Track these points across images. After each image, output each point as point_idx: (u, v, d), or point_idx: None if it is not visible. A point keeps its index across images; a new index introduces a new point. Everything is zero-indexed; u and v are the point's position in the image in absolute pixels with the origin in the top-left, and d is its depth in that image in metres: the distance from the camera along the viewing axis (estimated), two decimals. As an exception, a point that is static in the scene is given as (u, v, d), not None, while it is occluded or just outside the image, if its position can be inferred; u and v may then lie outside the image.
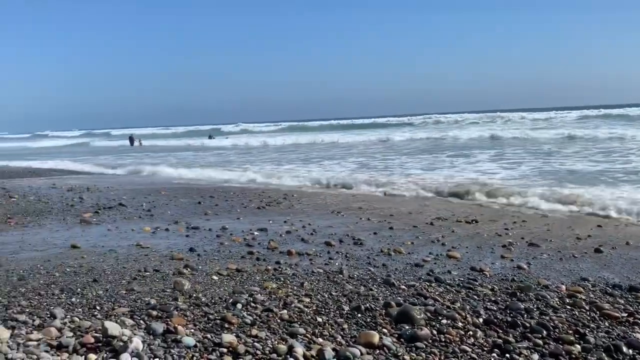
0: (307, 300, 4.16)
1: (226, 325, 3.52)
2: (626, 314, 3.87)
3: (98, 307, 3.93)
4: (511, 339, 3.37)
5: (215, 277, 4.95)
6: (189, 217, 8.82)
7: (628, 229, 7.54)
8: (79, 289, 4.43)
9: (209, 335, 3.32)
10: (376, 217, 8.60)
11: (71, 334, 3.30)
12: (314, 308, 3.97)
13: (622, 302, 4.22)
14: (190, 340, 3.19)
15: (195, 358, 3.00)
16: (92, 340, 3.13)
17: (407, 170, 16.26)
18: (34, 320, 3.58)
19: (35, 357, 2.96)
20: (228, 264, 5.47)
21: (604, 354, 3.13)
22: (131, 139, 49.04)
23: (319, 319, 3.71)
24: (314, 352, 3.08)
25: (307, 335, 3.38)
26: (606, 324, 3.71)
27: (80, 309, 3.89)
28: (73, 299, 4.14)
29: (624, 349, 3.19)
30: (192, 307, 3.92)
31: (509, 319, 3.73)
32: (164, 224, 8.10)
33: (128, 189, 13.21)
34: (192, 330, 3.43)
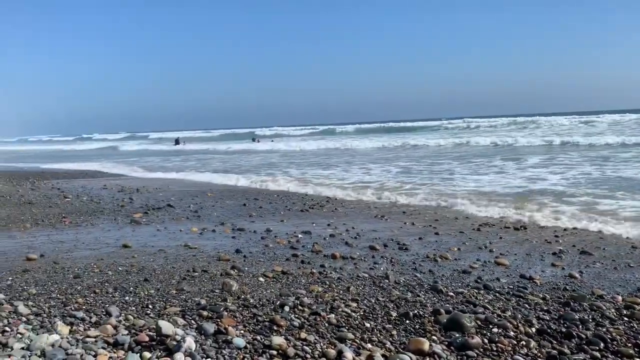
0: (354, 305, 4.15)
1: (275, 328, 3.55)
2: (690, 329, 3.69)
3: (150, 306, 4.04)
4: (566, 350, 3.27)
5: (261, 279, 5.01)
6: (235, 218, 8.96)
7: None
8: (131, 288, 4.57)
9: (258, 337, 3.36)
10: (421, 222, 8.50)
11: (126, 331, 3.40)
12: (362, 313, 3.96)
13: (684, 315, 4.02)
14: (240, 342, 3.24)
15: (246, 359, 3.04)
16: (147, 338, 3.22)
17: (462, 177, 15.98)
18: (90, 317, 3.71)
19: (93, 353, 3.06)
20: (273, 266, 5.53)
21: (667, 370, 2.99)
22: (177, 141, 51.51)
23: (367, 325, 3.70)
24: (363, 358, 3.08)
25: (356, 340, 3.38)
26: (667, 338, 3.55)
27: (133, 308, 4.01)
28: (126, 298, 4.27)
29: (689, 365, 3.04)
30: (240, 309, 3.98)
31: (564, 329, 3.62)
32: (210, 225, 8.27)
33: (175, 190, 13.53)
34: (242, 332, 3.48)
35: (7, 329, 3.39)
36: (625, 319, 3.92)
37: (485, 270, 5.55)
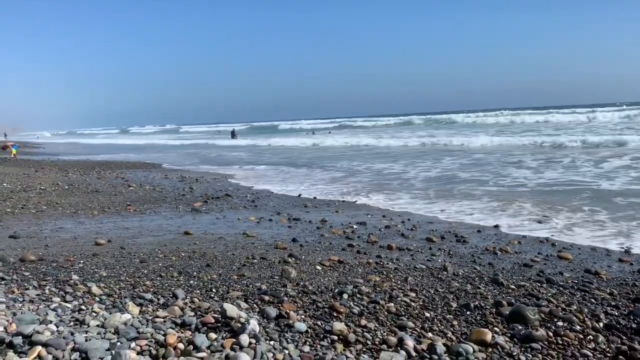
0: (413, 295, 4.15)
1: (334, 314, 3.60)
2: None
3: (214, 290, 4.18)
4: (637, 346, 3.14)
5: (318, 267, 5.08)
6: (290, 208, 9.09)
7: None
8: (194, 273, 4.74)
9: (319, 322, 3.42)
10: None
11: (192, 313, 3.54)
12: (421, 303, 3.95)
13: None
14: (302, 326, 3.31)
15: (307, 343, 3.10)
16: (212, 320, 3.34)
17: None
18: (158, 299, 3.88)
19: (162, 332, 3.20)
20: (330, 256, 5.58)
21: None
22: (233, 133, 51.76)
23: (427, 314, 3.69)
24: (424, 346, 3.07)
25: (417, 329, 3.38)
26: None
27: (198, 291, 4.16)
28: (191, 282, 4.44)
29: None
30: (300, 295, 4.06)
31: (634, 325, 3.48)
32: (267, 214, 8.43)
33: (232, 181, 13.86)
34: (303, 317, 3.55)
35: (82, 307, 3.59)
36: (702, 317, 3.72)
37: (548, 264, 5.40)
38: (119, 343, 2.88)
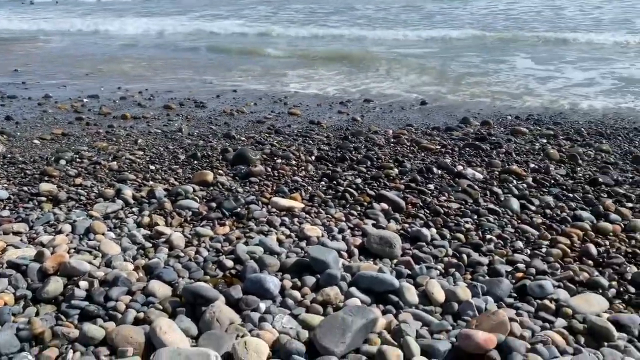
0: (140, 153, 4.00)
1: (46, 178, 3.26)
2: (440, 146, 4.34)
3: None
4: (339, 170, 3.60)
5: (37, 142, 4.51)
6: (3, 87, 7.74)
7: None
8: None
9: (25, 188, 3.06)
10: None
11: None
12: (147, 159, 3.84)
13: (439, 139, 4.70)
14: (3, 193, 2.91)
15: (8, 207, 2.75)
16: None
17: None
18: None
19: None
20: (52, 130, 4.99)
21: (417, 174, 3.49)
22: None
23: (152, 167, 3.60)
24: (143, 193, 3.01)
25: (138, 180, 3.28)
26: (422, 154, 4.13)
27: None
28: None
29: (434, 169, 3.59)
30: (5, 166, 3.55)
31: (339, 155, 3.96)
32: (-30, 94, 7.04)
33: None
34: (6, 185, 3.12)
35: None
36: (392, 145, 4.43)
37: (279, 119, 5.74)
38: None
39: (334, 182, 3.33)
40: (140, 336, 1.73)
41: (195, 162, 3.77)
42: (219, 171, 3.52)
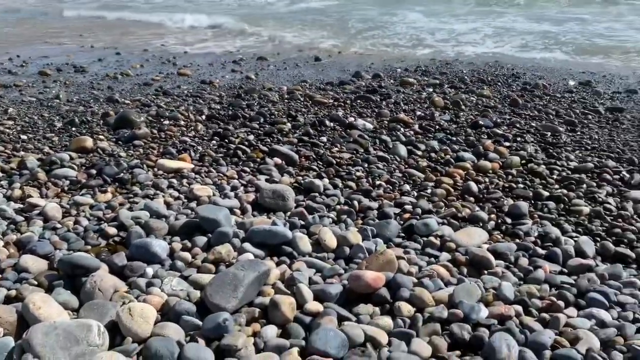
0: (10, 123, 3.63)
1: None
2: (333, 100, 4.36)
3: None
4: (231, 127, 3.51)
5: None
6: None
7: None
8: None
9: None
10: (101, 42, 7.77)
11: None
12: (19, 129, 3.49)
13: (332, 93, 4.72)
14: None
15: None
16: None
17: None
18: None
19: None
20: None
21: (310, 128, 3.49)
22: None
23: (24, 137, 3.29)
24: (14, 165, 2.74)
25: (7, 151, 2.98)
26: (316, 108, 4.13)
27: None
28: None
29: (327, 122, 3.60)
30: None
31: (231, 113, 3.85)
32: None
33: None
34: None
35: None
36: (286, 100, 4.39)
37: (168, 80, 5.47)
38: None
39: (226, 140, 3.24)
40: (12, 315, 1.58)
41: (74, 128, 3.50)
42: (100, 136, 3.29)
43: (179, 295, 1.74)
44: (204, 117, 3.76)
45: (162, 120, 3.63)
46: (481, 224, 2.35)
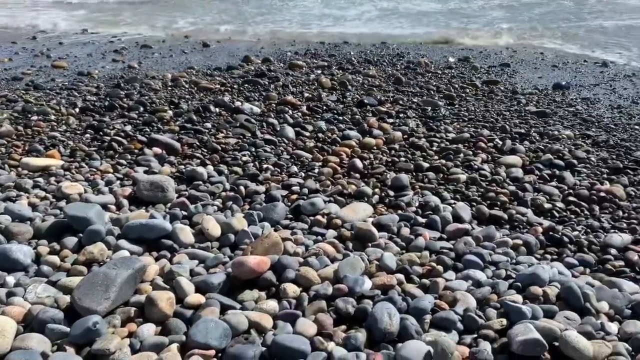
0: None
1: None
2: (219, 85, 4.24)
3: None
4: (107, 119, 3.29)
5: None
6: None
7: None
8: None
9: None
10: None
11: None
12: None
13: (219, 78, 4.58)
14: None
15: None
16: None
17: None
18: None
19: None
20: None
21: (193, 115, 3.35)
22: None
23: None
24: None
25: None
26: (201, 94, 3.99)
27: None
28: None
29: (212, 107, 3.49)
30: None
31: (107, 103, 3.61)
32: None
33: None
34: None
35: None
36: (169, 88, 4.20)
37: (41, 74, 5.03)
38: None
39: (100, 132, 3.02)
40: None
41: None
42: (-47, 138, 2.94)
43: (44, 302, 1.59)
44: (77, 110, 3.49)
45: (29, 115, 3.32)
46: (366, 199, 2.39)
